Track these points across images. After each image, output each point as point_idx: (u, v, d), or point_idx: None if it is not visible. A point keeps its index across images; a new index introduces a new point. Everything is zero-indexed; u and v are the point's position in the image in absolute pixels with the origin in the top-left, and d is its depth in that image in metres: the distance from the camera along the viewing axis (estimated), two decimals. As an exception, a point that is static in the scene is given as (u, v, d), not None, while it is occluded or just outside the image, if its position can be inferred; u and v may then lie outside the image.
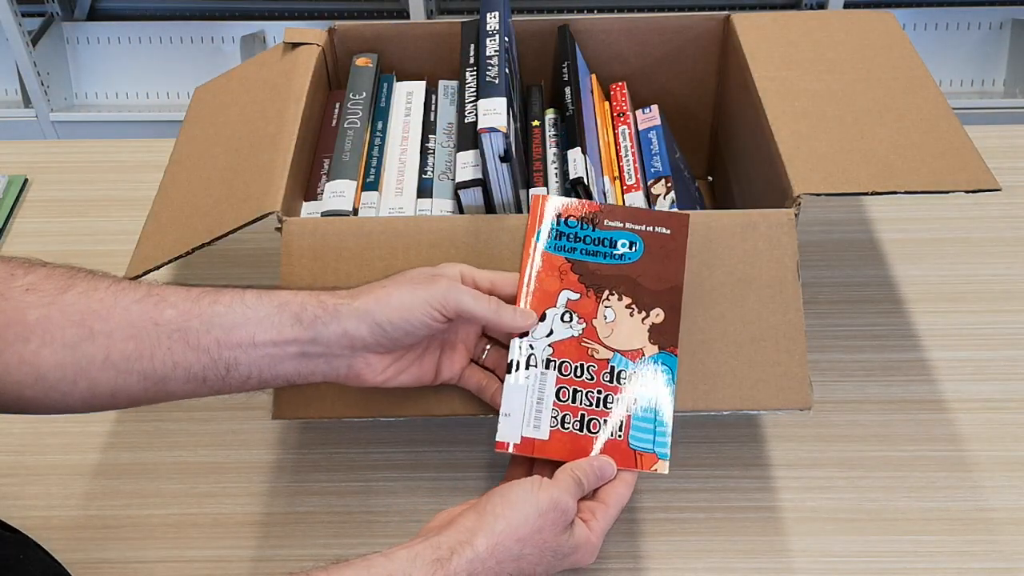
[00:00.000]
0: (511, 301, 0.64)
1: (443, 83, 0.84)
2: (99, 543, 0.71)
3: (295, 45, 0.82)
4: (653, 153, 0.80)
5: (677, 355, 0.64)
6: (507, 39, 0.76)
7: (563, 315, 0.64)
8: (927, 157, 0.69)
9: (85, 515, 0.73)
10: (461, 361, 0.64)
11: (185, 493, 0.75)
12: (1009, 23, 2.00)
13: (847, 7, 1.89)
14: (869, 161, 0.69)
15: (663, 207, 0.74)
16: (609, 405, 0.62)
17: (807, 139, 0.70)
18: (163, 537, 0.72)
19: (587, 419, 0.62)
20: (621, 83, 0.86)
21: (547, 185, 0.74)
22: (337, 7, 2.12)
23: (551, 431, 0.62)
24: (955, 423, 0.77)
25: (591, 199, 0.70)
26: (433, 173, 0.75)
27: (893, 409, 0.78)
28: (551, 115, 0.82)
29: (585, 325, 0.64)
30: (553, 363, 0.63)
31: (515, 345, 0.63)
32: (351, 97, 0.80)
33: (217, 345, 0.56)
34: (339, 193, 0.72)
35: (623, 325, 0.64)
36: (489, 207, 0.71)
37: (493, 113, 0.67)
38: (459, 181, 0.70)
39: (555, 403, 0.62)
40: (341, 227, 0.67)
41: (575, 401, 0.62)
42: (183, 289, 0.57)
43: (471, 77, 0.75)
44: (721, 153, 0.91)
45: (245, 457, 0.77)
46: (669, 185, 0.76)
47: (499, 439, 0.62)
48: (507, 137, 0.67)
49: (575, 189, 0.71)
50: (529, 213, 0.67)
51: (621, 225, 0.66)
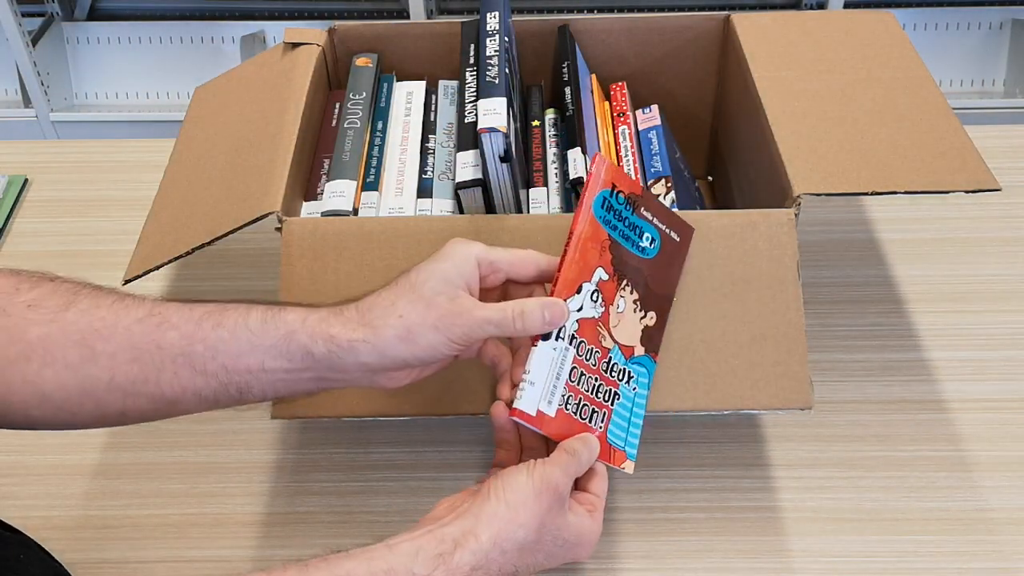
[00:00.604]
0: (531, 279, 0.61)
1: (443, 83, 0.84)
2: (99, 543, 0.71)
3: (295, 45, 0.82)
4: (653, 153, 0.80)
5: (657, 361, 0.64)
6: (507, 39, 0.76)
7: (592, 293, 0.62)
8: (927, 157, 0.69)
9: (85, 515, 0.73)
10: (476, 344, 0.62)
11: (185, 493, 0.75)
12: (1009, 23, 2.00)
13: (847, 7, 1.89)
14: (869, 161, 0.69)
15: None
16: (600, 395, 0.62)
17: (807, 139, 0.70)
18: (163, 537, 0.72)
19: (582, 404, 0.61)
20: (621, 83, 0.86)
21: (547, 185, 0.74)
22: (337, 7, 2.12)
23: (558, 410, 0.60)
24: (955, 423, 0.77)
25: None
26: (433, 173, 0.75)
27: (893, 409, 0.78)
28: (551, 115, 0.82)
29: (603, 310, 0.62)
30: (575, 340, 0.61)
31: None
32: (351, 97, 0.80)
33: (225, 371, 0.55)
34: (339, 193, 0.72)
35: (627, 319, 0.63)
36: (489, 207, 0.71)
37: (493, 113, 0.67)
38: (459, 181, 0.70)
39: (567, 382, 0.60)
40: (341, 227, 0.67)
41: (579, 384, 0.61)
42: (186, 308, 0.56)
43: (471, 77, 0.75)
44: (721, 153, 0.91)
45: (245, 457, 0.77)
46: (669, 185, 0.76)
47: (518, 407, 0.58)
48: (507, 137, 0.67)
49: (575, 189, 0.71)
50: (589, 172, 0.63)
51: (651, 217, 0.65)
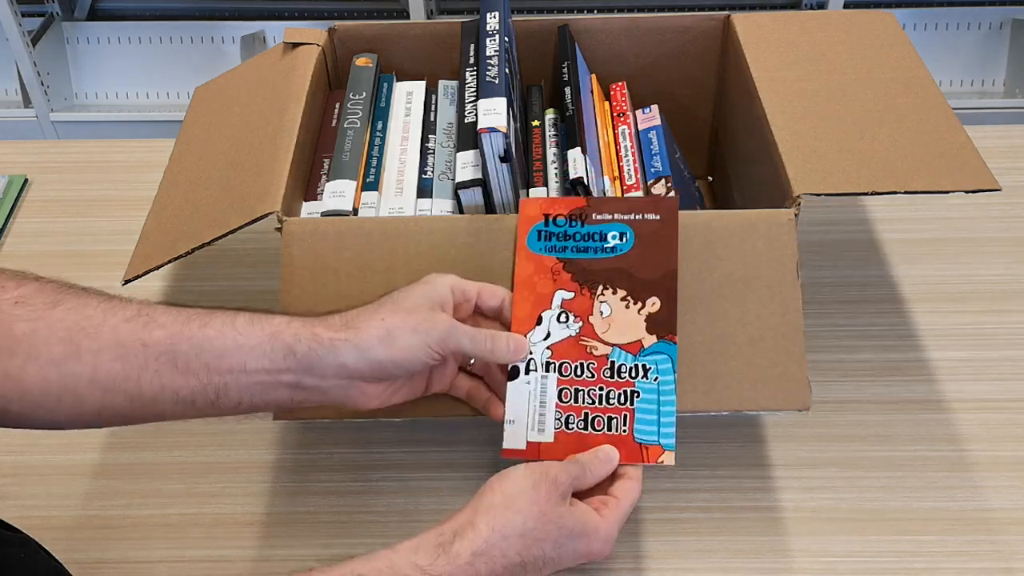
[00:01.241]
0: (496, 312, 0.64)
1: (443, 83, 0.84)
2: (99, 543, 0.71)
3: (295, 45, 0.82)
4: (653, 153, 0.80)
5: (676, 342, 0.63)
6: (507, 39, 0.76)
7: (559, 316, 0.64)
8: (927, 157, 0.69)
9: (85, 515, 0.73)
10: (451, 373, 0.64)
11: (185, 493, 0.75)
12: (1009, 23, 2.00)
13: (847, 7, 1.89)
14: (869, 161, 0.69)
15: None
16: (611, 401, 0.62)
17: (807, 139, 0.70)
18: (163, 537, 0.72)
19: (591, 417, 0.62)
20: (621, 83, 0.86)
21: (547, 185, 0.74)
22: (337, 7, 2.12)
23: (556, 433, 0.62)
24: (955, 423, 0.77)
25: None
26: (433, 173, 0.75)
27: (893, 409, 0.78)
28: (551, 115, 0.82)
29: (582, 323, 0.64)
30: (553, 365, 0.63)
31: None
32: (351, 97, 0.80)
33: (207, 370, 0.55)
34: (339, 193, 0.72)
35: (619, 319, 0.64)
36: (489, 207, 0.71)
37: (493, 113, 0.67)
38: (459, 181, 0.70)
39: (558, 405, 0.62)
40: (341, 227, 0.67)
41: (578, 401, 0.62)
42: (174, 310, 0.57)
43: (471, 77, 0.75)
44: (721, 153, 0.91)
45: (245, 457, 0.77)
46: (669, 185, 0.76)
47: (505, 446, 0.62)
48: (507, 137, 0.67)
49: (575, 189, 0.71)
50: (519, 216, 0.67)
51: (611, 217, 0.66)
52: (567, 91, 0.78)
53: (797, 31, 0.81)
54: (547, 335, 0.64)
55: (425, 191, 0.74)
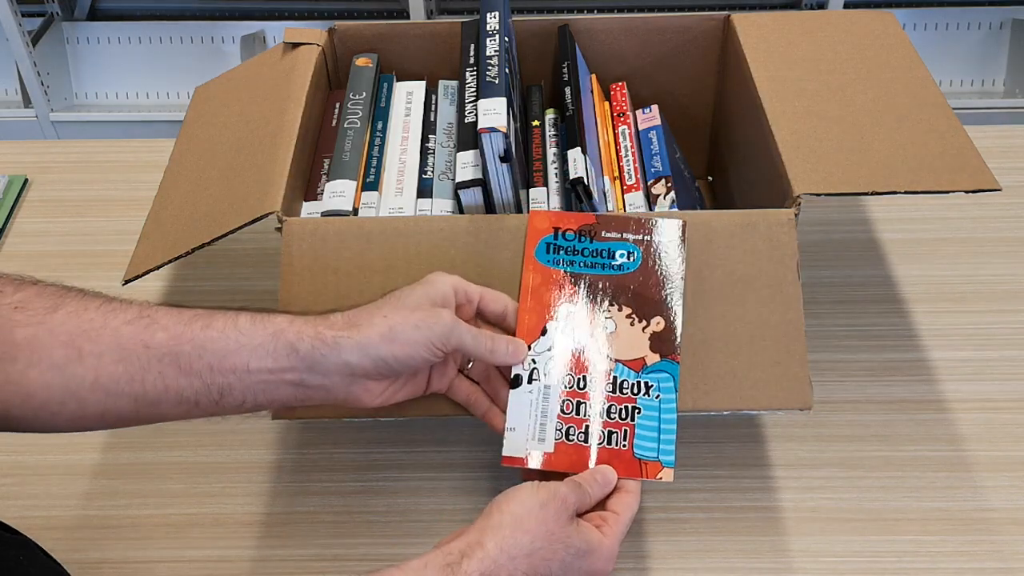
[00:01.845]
0: (498, 318, 0.64)
1: (443, 83, 0.84)
2: (99, 543, 0.71)
3: (295, 45, 0.82)
4: (653, 153, 0.80)
5: (679, 362, 0.64)
6: (507, 39, 0.76)
7: (563, 328, 0.64)
8: (927, 157, 0.69)
9: (85, 515, 0.73)
10: (450, 374, 0.64)
11: (185, 493, 0.75)
12: (1009, 23, 2.00)
13: (847, 7, 1.89)
14: (869, 161, 0.69)
15: (663, 207, 0.74)
16: (612, 415, 0.62)
17: (807, 139, 0.70)
18: (163, 537, 0.72)
19: (591, 430, 0.62)
20: (621, 83, 0.86)
21: (547, 185, 0.74)
22: (337, 7, 2.12)
23: (556, 443, 0.62)
24: (955, 423, 0.77)
25: (591, 199, 0.70)
26: (433, 173, 0.75)
27: (893, 409, 0.78)
28: (551, 115, 0.82)
29: (586, 337, 0.64)
30: (556, 376, 0.63)
31: None
32: (351, 97, 0.80)
33: (210, 370, 0.55)
34: (339, 193, 0.72)
35: (624, 335, 0.64)
36: (489, 207, 0.71)
37: (493, 113, 0.67)
38: (459, 181, 0.70)
39: (559, 416, 0.62)
40: (341, 227, 0.67)
41: (579, 413, 0.62)
42: (175, 311, 0.56)
43: (471, 77, 0.75)
44: (721, 153, 0.91)
45: (245, 457, 0.77)
46: (669, 185, 0.76)
47: (505, 454, 0.62)
48: (507, 137, 0.67)
49: (575, 189, 0.71)
50: (527, 228, 0.67)
51: (619, 236, 0.67)
52: (567, 91, 0.78)
53: (797, 31, 0.81)
54: (551, 346, 0.64)
55: (425, 191, 0.74)
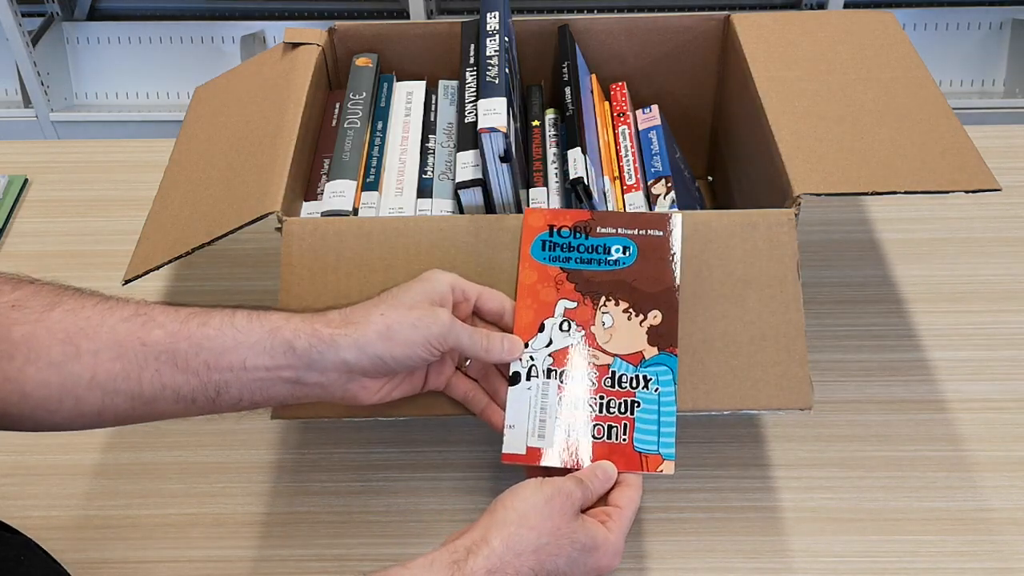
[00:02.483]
0: (495, 316, 0.64)
1: (443, 83, 0.84)
2: (99, 543, 0.71)
3: (295, 45, 0.82)
4: (653, 153, 0.80)
5: (677, 355, 0.64)
6: (507, 39, 0.76)
7: (561, 324, 0.64)
8: (927, 157, 0.69)
9: (85, 515, 0.73)
10: (447, 371, 0.64)
11: (185, 493, 0.75)
12: (1009, 23, 2.00)
13: (847, 7, 1.89)
14: (869, 161, 0.69)
15: (663, 207, 0.75)
16: (612, 410, 0.62)
17: (807, 139, 0.70)
18: (163, 537, 0.72)
19: (591, 425, 0.62)
20: (621, 83, 0.86)
21: (547, 185, 0.74)
22: (337, 7, 2.12)
23: (556, 439, 0.62)
24: (955, 423, 0.77)
25: (591, 199, 0.70)
26: (433, 173, 0.75)
27: (893, 409, 0.78)
28: (551, 115, 0.82)
29: (584, 333, 0.64)
30: (554, 372, 0.63)
31: None
32: (351, 97, 0.80)
33: (206, 368, 0.55)
34: (339, 193, 0.72)
35: (621, 330, 0.64)
36: (489, 207, 0.71)
37: (493, 113, 0.67)
38: (459, 181, 0.70)
39: (559, 411, 0.62)
40: (341, 227, 0.67)
41: (578, 408, 0.62)
42: (172, 309, 0.56)
43: (471, 77, 0.75)
44: (721, 153, 0.91)
45: (245, 457, 0.77)
46: (669, 185, 0.76)
47: (505, 451, 0.62)
48: (507, 137, 0.67)
49: (575, 189, 0.71)
50: (523, 226, 0.67)
51: (614, 231, 0.67)
52: (567, 91, 0.78)
53: (797, 31, 0.81)
54: (549, 342, 0.64)
55: (425, 191, 0.74)
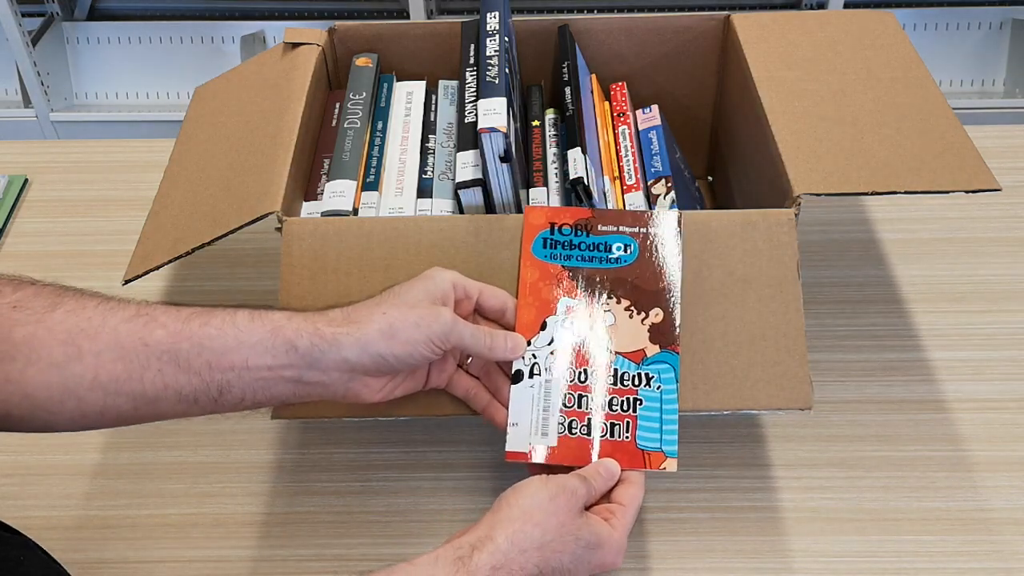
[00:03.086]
0: (496, 314, 0.64)
1: (443, 83, 0.84)
2: (99, 543, 0.71)
3: (295, 45, 0.82)
4: (653, 153, 0.80)
5: (679, 353, 0.64)
6: (507, 39, 0.76)
7: (563, 322, 0.64)
8: (927, 157, 0.69)
9: (85, 515, 0.73)
10: (449, 369, 0.64)
11: (185, 493, 0.75)
12: (1009, 23, 2.00)
13: (847, 7, 1.89)
14: (869, 161, 0.69)
15: (663, 207, 0.75)
16: (614, 407, 0.62)
17: (807, 139, 0.70)
18: (163, 537, 0.72)
19: (594, 423, 0.62)
20: (621, 83, 0.86)
21: (547, 185, 0.74)
22: (337, 7, 2.12)
23: (559, 437, 0.62)
24: (955, 423, 0.77)
25: (591, 199, 0.70)
26: (433, 173, 0.75)
27: (893, 409, 0.78)
28: (551, 115, 0.82)
29: (586, 331, 0.64)
30: (557, 370, 0.63)
31: None
32: (351, 97, 0.80)
33: (208, 368, 0.55)
34: (339, 193, 0.72)
35: (623, 327, 0.64)
36: (489, 207, 0.71)
37: (493, 113, 0.67)
38: (459, 181, 0.70)
39: (561, 409, 0.62)
40: (341, 227, 0.67)
41: (581, 406, 0.62)
42: (173, 309, 0.56)
43: (471, 77, 0.75)
44: (721, 153, 0.91)
45: (245, 457, 0.77)
46: (669, 185, 0.76)
47: (508, 449, 0.62)
48: (507, 137, 0.67)
49: (575, 189, 0.71)
50: (523, 224, 0.67)
51: (615, 229, 0.67)
52: (567, 91, 0.78)
53: (797, 31, 0.81)
54: (551, 340, 0.64)
55: (425, 191, 0.74)
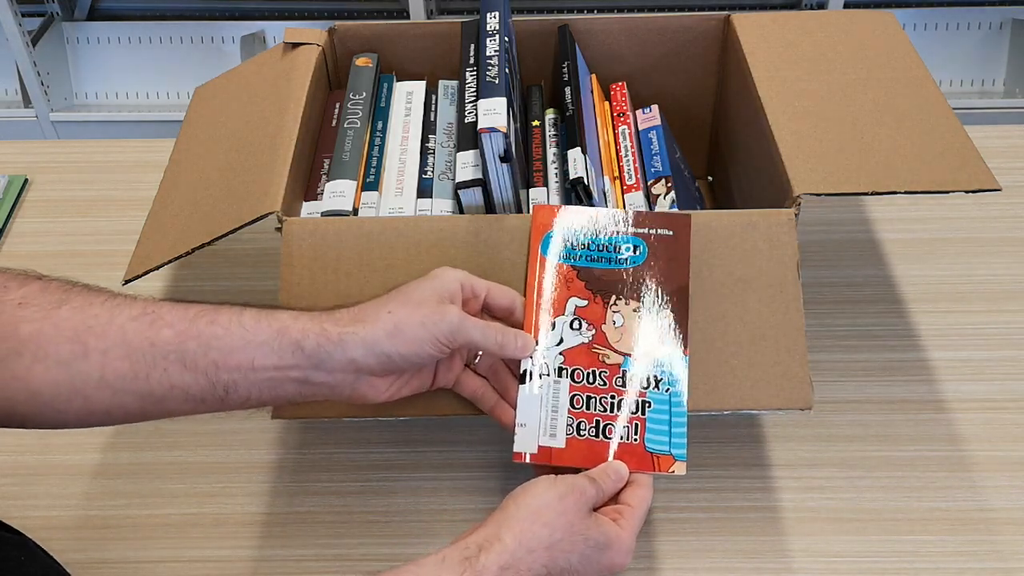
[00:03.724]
0: (505, 312, 0.64)
1: (443, 83, 0.84)
2: (99, 543, 0.71)
3: (295, 45, 0.82)
4: (653, 153, 0.80)
5: (688, 355, 0.64)
6: (507, 39, 0.76)
7: (572, 323, 0.64)
8: (927, 157, 0.69)
9: (85, 515, 0.73)
10: (456, 368, 0.64)
11: (185, 493, 0.75)
12: (1009, 23, 2.00)
13: (847, 7, 1.89)
14: (869, 161, 0.69)
15: (663, 207, 0.75)
16: (623, 409, 0.62)
17: (807, 139, 0.70)
18: (163, 537, 0.72)
19: (602, 424, 0.62)
20: (621, 83, 0.86)
21: (547, 185, 0.74)
22: (337, 7, 2.12)
23: (567, 439, 0.62)
24: (955, 423, 0.77)
25: (591, 199, 0.70)
26: (433, 173, 0.75)
27: (893, 409, 0.78)
28: (551, 115, 0.82)
29: (595, 331, 0.64)
30: (565, 371, 0.63)
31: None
32: (351, 97, 0.80)
33: (215, 368, 0.55)
34: (339, 193, 0.72)
35: (632, 329, 0.64)
36: (489, 207, 0.71)
37: (493, 113, 0.67)
38: (459, 181, 0.70)
39: (570, 411, 0.62)
40: (341, 227, 0.67)
41: (589, 407, 0.62)
42: (180, 307, 0.56)
43: (471, 77, 0.75)
44: (721, 153, 0.91)
45: (245, 457, 0.77)
46: (669, 185, 0.76)
47: (516, 450, 0.62)
48: (507, 137, 0.67)
49: (575, 189, 0.71)
50: (532, 223, 0.67)
51: (624, 230, 0.66)
52: (567, 91, 0.78)
53: (797, 31, 0.81)
54: (560, 341, 0.64)
55: (425, 191, 0.74)
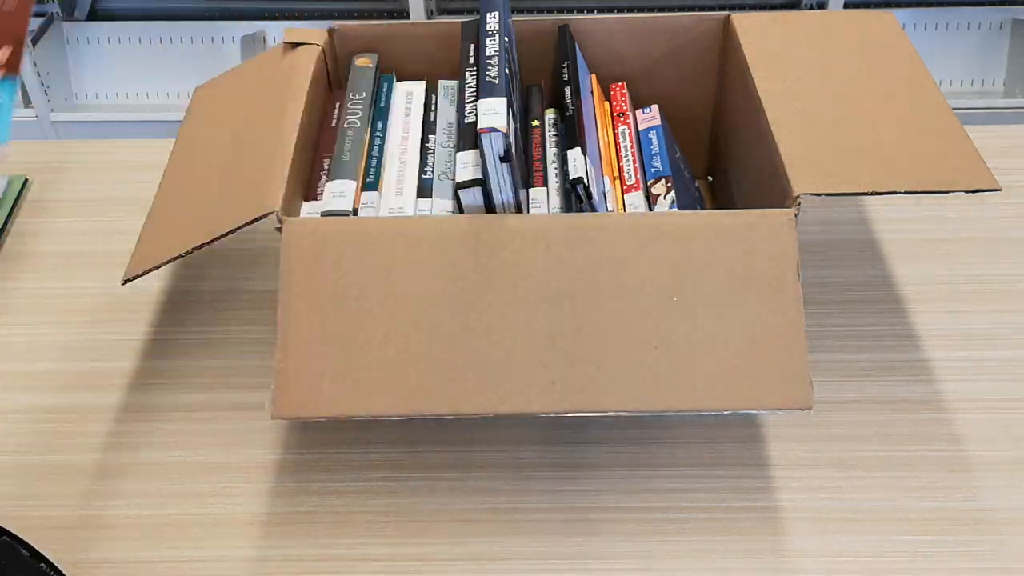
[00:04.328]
0: None
1: (443, 83, 0.84)
2: (99, 543, 0.71)
3: (295, 45, 0.82)
4: (653, 153, 0.80)
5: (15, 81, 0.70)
6: (507, 39, 0.76)
7: None
8: (927, 157, 0.69)
9: (85, 515, 0.73)
10: None
11: (185, 493, 0.75)
12: (1009, 23, 2.00)
13: (847, 7, 1.89)
14: (869, 161, 0.69)
15: (663, 207, 0.75)
16: None
17: (807, 139, 0.70)
18: (163, 537, 0.72)
19: None
20: (621, 83, 0.86)
21: (547, 185, 0.74)
22: (337, 7, 2.12)
23: None
24: (955, 423, 0.77)
25: (591, 199, 0.70)
26: (433, 173, 0.75)
27: (893, 409, 0.78)
28: (551, 115, 0.82)
29: None
30: None
31: None
32: (351, 97, 0.80)
33: None
34: (339, 193, 0.72)
35: None
36: (489, 207, 0.71)
37: (493, 113, 0.67)
38: (459, 181, 0.70)
39: None
40: (341, 227, 0.67)
41: None
42: None
43: (471, 77, 0.75)
44: (721, 153, 0.91)
45: (245, 457, 0.77)
46: (669, 185, 0.76)
47: None
48: (507, 137, 0.67)
49: (575, 189, 0.71)
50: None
51: None
52: (567, 91, 0.78)
53: (797, 31, 0.81)
54: None
55: (425, 191, 0.74)
